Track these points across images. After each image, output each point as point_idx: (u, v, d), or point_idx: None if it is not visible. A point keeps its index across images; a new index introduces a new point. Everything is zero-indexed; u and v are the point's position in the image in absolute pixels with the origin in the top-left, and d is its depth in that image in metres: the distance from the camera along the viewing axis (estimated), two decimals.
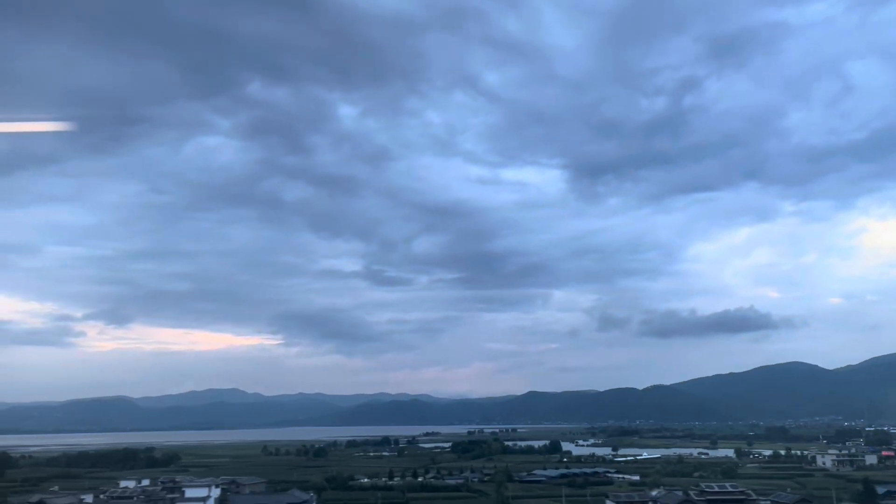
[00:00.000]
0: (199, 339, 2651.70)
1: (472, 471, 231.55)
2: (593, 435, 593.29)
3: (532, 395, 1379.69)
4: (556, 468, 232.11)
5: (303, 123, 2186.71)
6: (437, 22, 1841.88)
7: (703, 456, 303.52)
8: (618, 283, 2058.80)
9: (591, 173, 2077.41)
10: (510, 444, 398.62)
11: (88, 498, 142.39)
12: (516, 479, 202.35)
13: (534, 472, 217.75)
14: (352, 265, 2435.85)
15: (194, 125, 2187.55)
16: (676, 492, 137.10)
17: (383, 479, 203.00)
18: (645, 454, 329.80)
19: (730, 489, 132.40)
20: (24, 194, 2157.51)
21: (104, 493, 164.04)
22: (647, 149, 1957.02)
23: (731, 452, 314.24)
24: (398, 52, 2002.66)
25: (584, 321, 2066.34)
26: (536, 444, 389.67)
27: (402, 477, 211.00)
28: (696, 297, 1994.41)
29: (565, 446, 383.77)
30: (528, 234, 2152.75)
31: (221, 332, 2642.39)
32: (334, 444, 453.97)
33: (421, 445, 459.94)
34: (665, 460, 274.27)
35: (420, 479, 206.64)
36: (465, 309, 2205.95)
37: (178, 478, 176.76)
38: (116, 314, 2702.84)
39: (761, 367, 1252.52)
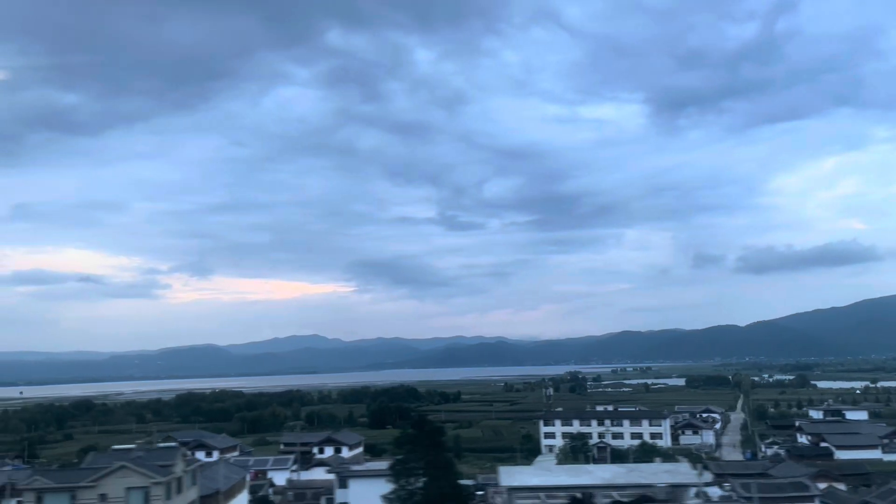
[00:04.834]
0: (275, 287, 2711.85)
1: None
2: (759, 370, 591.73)
3: (625, 335, 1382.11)
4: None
5: (380, 70, 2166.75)
6: None
7: None
8: (694, 219, 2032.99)
9: (672, 106, 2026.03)
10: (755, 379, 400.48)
11: None
12: None
13: None
14: (425, 211, 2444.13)
15: (274, 76, 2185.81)
16: None
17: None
18: None
19: None
20: (113, 153, 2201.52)
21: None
22: (734, 78, 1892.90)
23: None
24: None
25: (671, 259, 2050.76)
26: (775, 379, 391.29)
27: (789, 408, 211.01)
28: (776, 231, 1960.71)
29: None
30: (603, 173, 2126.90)
31: (296, 280, 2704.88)
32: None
33: (629, 382, 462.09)
34: None
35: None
36: (537, 252, 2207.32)
37: None
38: (199, 266, 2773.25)
39: (864, 301, 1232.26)
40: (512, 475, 48.47)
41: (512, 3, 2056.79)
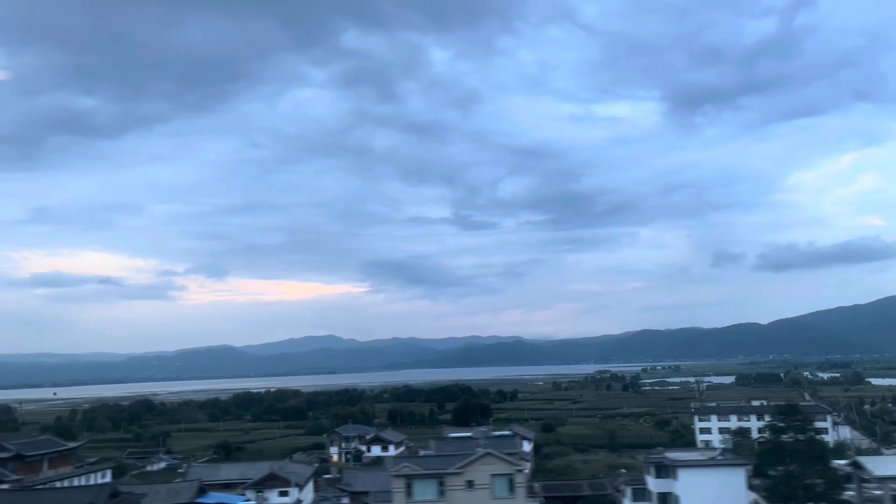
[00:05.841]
0: (289, 288, 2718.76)
1: None
2: (794, 367, 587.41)
3: (644, 334, 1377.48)
4: None
5: (395, 70, 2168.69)
6: None
7: None
8: (711, 217, 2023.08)
9: (688, 104, 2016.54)
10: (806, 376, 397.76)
11: None
12: None
13: None
14: (439, 211, 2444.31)
15: (290, 78, 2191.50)
16: None
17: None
18: None
19: None
20: (130, 155, 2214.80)
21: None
22: (751, 75, 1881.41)
23: None
24: None
25: (688, 258, 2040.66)
26: (829, 376, 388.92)
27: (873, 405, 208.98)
28: (796, 228, 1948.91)
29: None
30: (618, 172, 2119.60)
31: (310, 281, 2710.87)
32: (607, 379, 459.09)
33: (672, 380, 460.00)
34: None
35: None
36: (552, 251, 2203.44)
37: None
38: (214, 267, 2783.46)
39: (887, 298, 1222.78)
40: (879, 464, 46.88)
41: (528, 1, 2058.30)
